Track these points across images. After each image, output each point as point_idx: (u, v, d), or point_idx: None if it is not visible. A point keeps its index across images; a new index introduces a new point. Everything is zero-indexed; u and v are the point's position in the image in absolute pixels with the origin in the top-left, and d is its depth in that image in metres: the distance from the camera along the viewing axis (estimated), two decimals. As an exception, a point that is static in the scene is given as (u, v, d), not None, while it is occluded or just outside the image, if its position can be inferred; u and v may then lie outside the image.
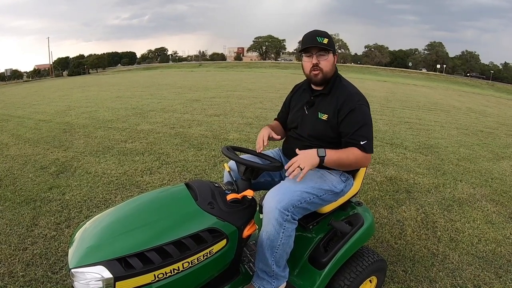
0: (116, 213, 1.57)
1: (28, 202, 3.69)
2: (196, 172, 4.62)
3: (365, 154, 1.82)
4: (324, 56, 1.90)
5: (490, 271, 2.73)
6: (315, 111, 1.99)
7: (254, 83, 20.66)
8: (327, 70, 1.92)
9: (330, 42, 1.88)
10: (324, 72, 1.91)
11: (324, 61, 1.90)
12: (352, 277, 1.95)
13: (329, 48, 1.88)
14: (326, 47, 1.86)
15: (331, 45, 1.89)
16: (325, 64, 1.90)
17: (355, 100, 1.88)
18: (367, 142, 1.82)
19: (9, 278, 2.48)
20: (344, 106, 1.87)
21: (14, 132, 7.35)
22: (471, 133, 8.23)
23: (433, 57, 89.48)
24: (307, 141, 2.00)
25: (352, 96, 1.90)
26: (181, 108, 10.09)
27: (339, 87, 1.97)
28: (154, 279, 1.35)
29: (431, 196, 4.10)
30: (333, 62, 1.95)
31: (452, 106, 14.89)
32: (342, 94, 1.92)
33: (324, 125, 1.93)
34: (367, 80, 31.13)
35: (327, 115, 1.92)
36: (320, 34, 1.87)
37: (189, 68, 57.33)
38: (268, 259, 1.75)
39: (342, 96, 1.91)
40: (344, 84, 1.99)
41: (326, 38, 1.87)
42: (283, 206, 1.68)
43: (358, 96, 1.92)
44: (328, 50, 1.89)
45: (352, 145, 1.83)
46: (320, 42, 1.85)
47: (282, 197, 1.71)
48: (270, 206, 1.70)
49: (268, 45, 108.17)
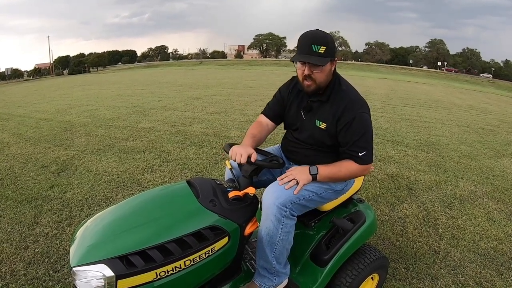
0: (117, 211, 1.57)
1: (29, 201, 3.69)
2: (197, 170, 4.62)
3: (361, 166, 1.77)
4: (318, 67, 1.72)
5: (491, 268, 2.73)
6: (312, 117, 1.89)
7: (254, 81, 20.62)
8: (320, 81, 1.77)
9: (328, 49, 1.69)
10: (318, 83, 1.77)
11: (318, 72, 1.74)
12: (354, 274, 1.95)
13: (326, 57, 1.70)
14: (322, 58, 1.69)
15: (329, 53, 1.70)
16: (319, 75, 1.75)
17: (355, 108, 1.76)
18: (366, 153, 1.76)
19: (10, 277, 2.48)
20: (344, 115, 1.76)
21: (15, 131, 7.35)
22: (472, 131, 8.22)
23: (434, 55, 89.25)
24: (305, 145, 1.97)
25: (352, 103, 1.78)
26: (182, 106, 10.08)
27: (338, 93, 1.82)
28: (155, 277, 1.35)
29: (432, 194, 4.09)
30: (329, 71, 1.79)
31: (453, 103, 14.86)
32: (342, 101, 1.79)
33: (321, 133, 1.85)
34: (367, 77, 31.08)
35: (325, 124, 1.82)
36: (317, 42, 1.68)
37: (190, 66, 57.24)
38: (268, 256, 1.74)
39: (342, 104, 1.78)
40: (343, 89, 1.84)
41: (324, 46, 1.68)
42: (281, 202, 1.68)
43: (359, 103, 1.79)
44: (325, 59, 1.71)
45: (348, 156, 1.79)
46: (315, 52, 1.67)
47: (280, 193, 1.71)
48: (268, 202, 1.70)
49: (269, 42, 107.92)
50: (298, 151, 2.02)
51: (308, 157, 1.96)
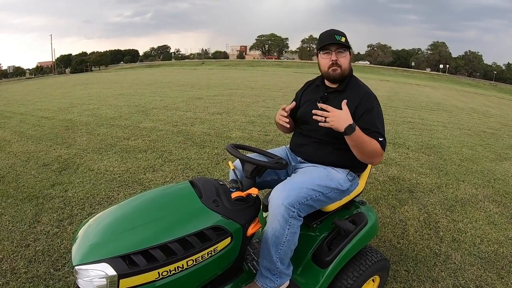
0: (119, 210, 1.57)
1: (30, 199, 3.70)
2: (199, 170, 4.62)
3: (381, 150, 1.83)
4: (342, 53, 1.94)
5: (492, 271, 2.73)
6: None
7: (256, 82, 20.65)
8: (345, 67, 1.95)
9: (347, 40, 1.94)
10: (343, 69, 1.95)
11: (342, 58, 1.94)
12: (355, 276, 1.95)
13: (347, 46, 1.94)
14: (345, 44, 1.92)
15: (348, 44, 1.95)
16: (343, 61, 1.94)
17: (372, 100, 1.93)
18: (383, 140, 1.84)
19: (11, 275, 2.48)
20: (362, 104, 1.89)
21: (16, 129, 7.36)
22: (473, 134, 8.21)
23: (436, 57, 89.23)
24: (317, 136, 2.00)
25: (369, 95, 1.95)
26: (184, 106, 10.09)
27: (355, 85, 2.01)
28: (158, 277, 1.35)
29: (433, 196, 4.09)
30: (350, 60, 1.99)
31: (455, 106, 14.85)
32: (359, 92, 1.96)
33: None
34: (369, 79, 31.05)
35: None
36: (338, 33, 1.92)
37: (192, 66, 57.37)
38: (273, 256, 1.74)
39: (360, 94, 1.94)
40: (359, 83, 2.03)
41: (344, 37, 1.92)
42: (290, 203, 1.68)
43: (373, 96, 1.97)
44: (346, 48, 1.94)
45: (373, 136, 1.83)
46: (338, 40, 1.90)
47: (289, 193, 1.71)
48: (276, 203, 1.70)
49: (271, 43, 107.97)
50: (308, 144, 2.05)
51: (318, 150, 2.01)
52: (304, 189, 1.75)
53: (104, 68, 75.30)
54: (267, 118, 8.31)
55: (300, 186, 1.75)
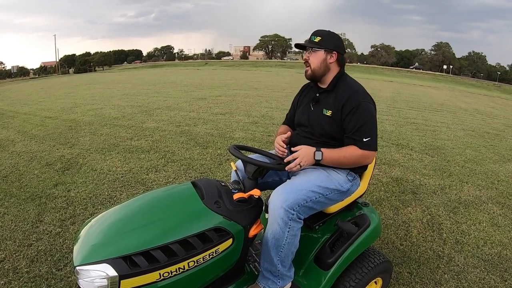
0: (121, 211, 1.57)
1: (33, 199, 3.71)
2: (202, 170, 4.62)
3: (365, 152, 1.81)
4: (314, 52, 1.94)
5: (495, 274, 2.71)
6: (320, 107, 1.98)
7: (260, 82, 20.66)
8: (314, 67, 1.94)
9: (322, 41, 1.92)
10: (312, 68, 1.95)
11: (312, 57, 1.94)
12: (358, 278, 1.94)
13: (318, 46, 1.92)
14: (313, 46, 1.93)
15: (324, 44, 1.92)
16: (312, 60, 1.94)
17: (359, 97, 1.87)
18: (371, 140, 1.81)
19: (13, 274, 2.49)
20: (348, 103, 1.86)
21: (20, 129, 7.39)
22: (477, 135, 8.17)
23: (440, 58, 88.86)
24: (313, 137, 2.00)
25: (356, 93, 1.90)
26: (187, 106, 10.10)
27: (342, 84, 1.97)
28: (159, 278, 1.35)
29: (437, 198, 4.07)
30: (323, 60, 1.94)
31: (459, 107, 14.79)
32: (346, 90, 1.92)
33: (328, 121, 1.92)
34: (373, 80, 31.01)
35: (331, 111, 1.91)
36: (315, 33, 1.95)
37: (195, 66, 57.42)
38: (273, 259, 1.74)
39: (346, 93, 1.90)
40: (348, 81, 1.99)
41: (319, 36, 1.92)
42: (289, 205, 1.68)
43: (362, 93, 1.91)
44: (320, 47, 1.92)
45: (352, 142, 1.83)
46: (312, 41, 1.93)
47: (288, 196, 1.70)
48: (275, 205, 1.69)
49: (274, 44, 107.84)
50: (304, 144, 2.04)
51: None
52: (304, 191, 1.75)
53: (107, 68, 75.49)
54: (270, 119, 8.30)
55: (299, 188, 1.75)
